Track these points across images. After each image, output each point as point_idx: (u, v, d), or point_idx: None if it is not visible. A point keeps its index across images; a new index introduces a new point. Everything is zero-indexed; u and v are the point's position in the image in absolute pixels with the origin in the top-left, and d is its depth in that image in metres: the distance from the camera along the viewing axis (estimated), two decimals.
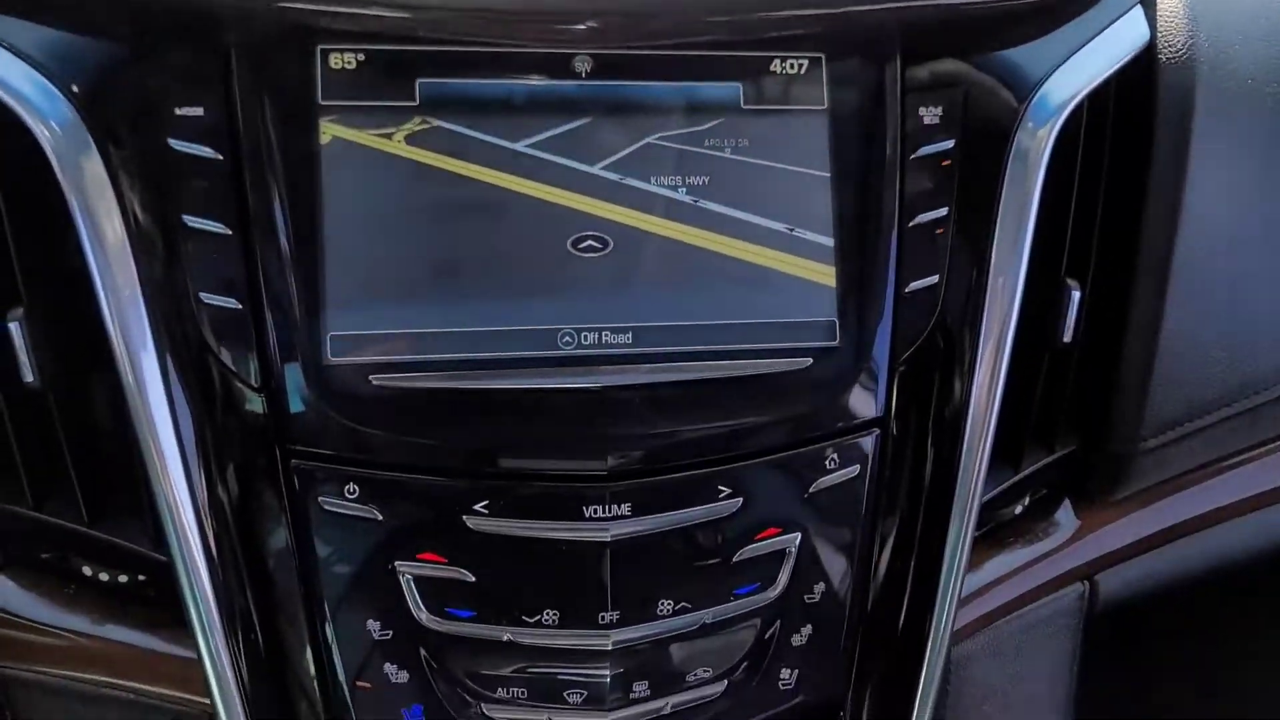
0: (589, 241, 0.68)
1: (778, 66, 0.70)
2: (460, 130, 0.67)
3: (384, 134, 0.66)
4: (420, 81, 0.66)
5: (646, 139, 0.69)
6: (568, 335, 0.67)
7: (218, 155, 0.64)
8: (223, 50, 0.64)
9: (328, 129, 0.65)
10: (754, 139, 0.70)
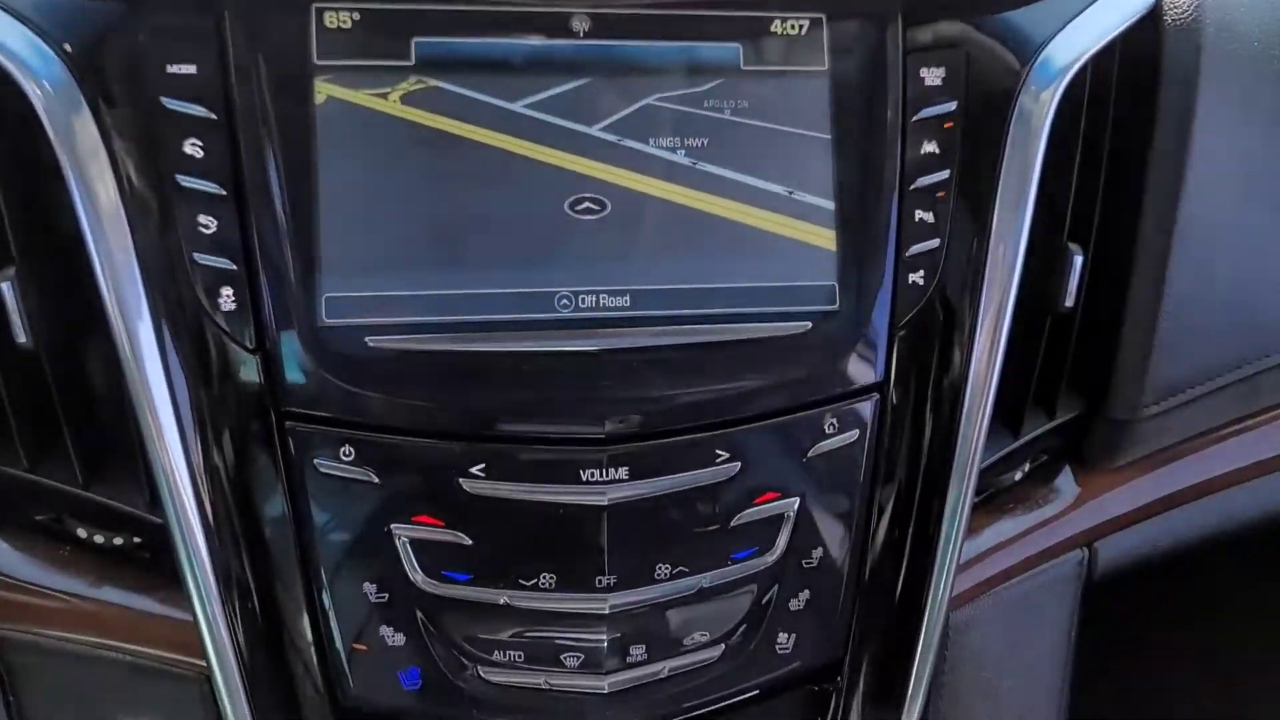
0: (587, 204, 0.67)
1: (778, 27, 0.69)
2: (456, 90, 0.66)
3: (379, 94, 0.65)
4: (416, 41, 0.65)
5: (645, 100, 0.68)
6: (565, 298, 0.67)
7: (211, 114, 0.63)
8: (216, 7, 0.63)
9: (322, 88, 0.65)
10: (754, 101, 0.69)
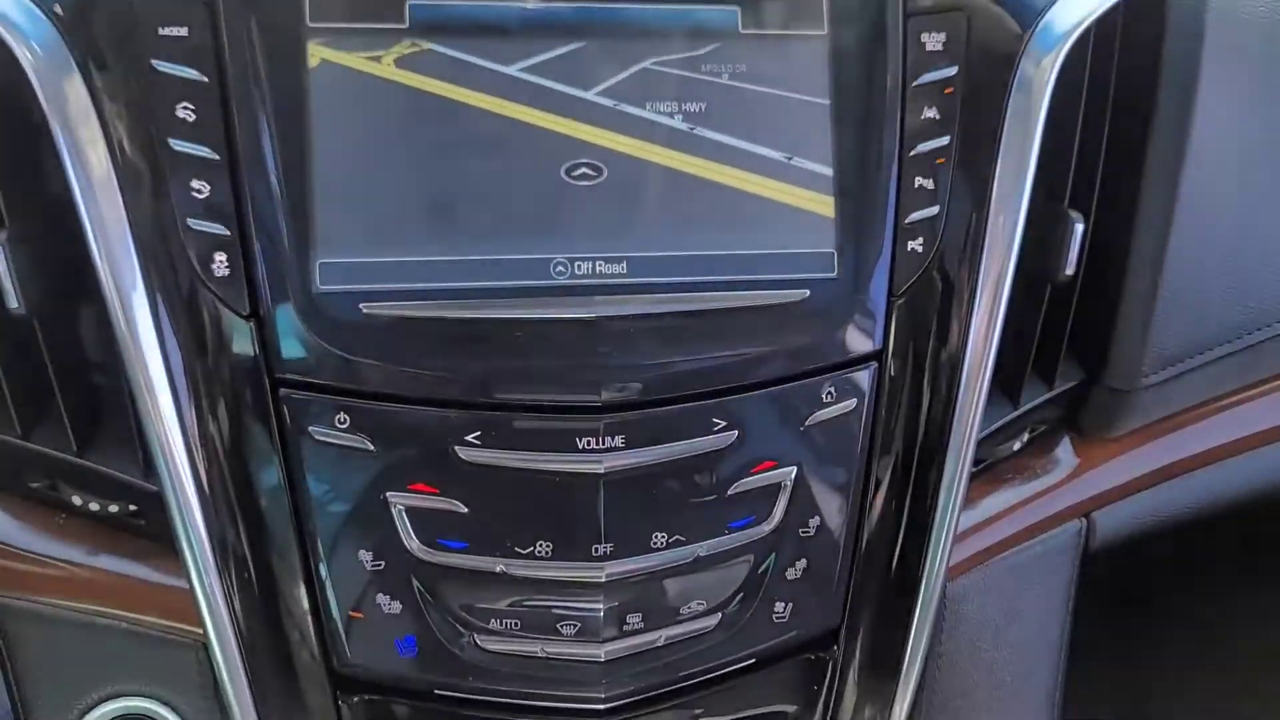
0: (583, 169, 0.67)
1: None
2: (451, 53, 0.65)
3: (373, 57, 0.65)
4: (410, 3, 0.65)
5: (642, 64, 0.68)
6: (561, 265, 0.66)
7: (203, 77, 0.63)
8: None
9: (316, 51, 0.64)
10: (752, 65, 0.69)
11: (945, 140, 0.71)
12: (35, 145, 0.65)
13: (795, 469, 0.71)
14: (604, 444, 0.66)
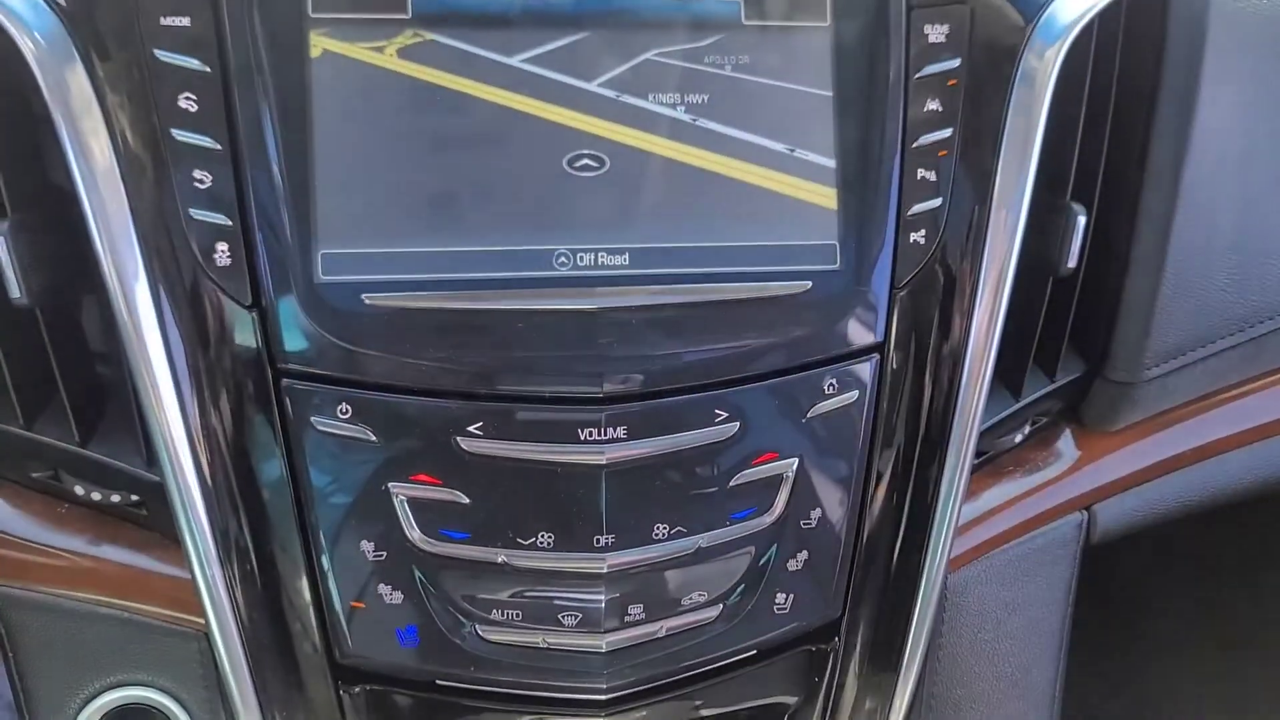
0: (585, 160, 0.66)
1: None
2: (453, 44, 0.65)
3: (375, 48, 0.64)
4: None
5: (645, 55, 0.67)
6: (563, 256, 0.66)
7: (205, 68, 0.63)
8: None
9: (318, 42, 0.64)
10: (755, 56, 0.68)
11: (948, 132, 0.71)
12: (37, 135, 0.65)
13: (797, 461, 0.71)
14: (606, 435, 0.66)
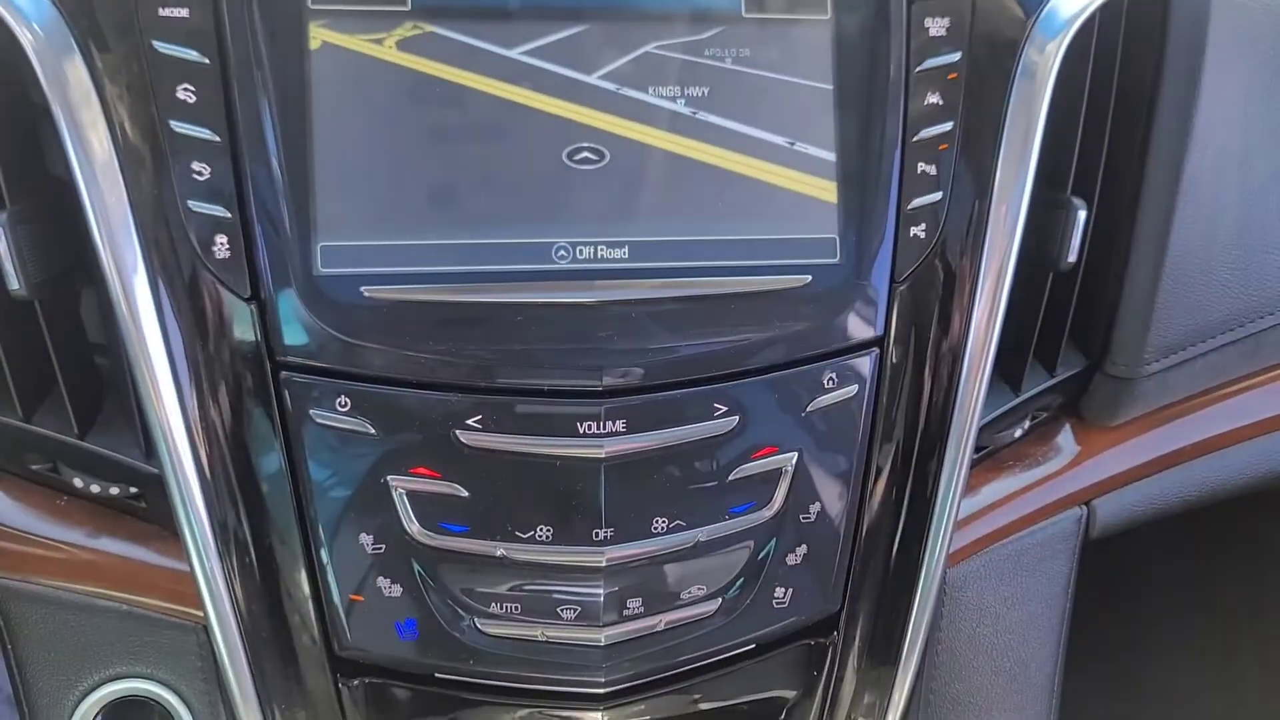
0: (585, 153, 0.66)
1: None
2: (453, 36, 0.65)
3: (375, 40, 0.64)
4: None
5: (645, 48, 0.67)
6: (563, 249, 0.66)
7: (204, 59, 0.62)
8: None
9: (317, 34, 0.64)
10: (755, 49, 0.68)
11: (948, 126, 0.71)
12: (36, 126, 0.65)
13: (796, 455, 0.71)
14: (605, 428, 0.66)
